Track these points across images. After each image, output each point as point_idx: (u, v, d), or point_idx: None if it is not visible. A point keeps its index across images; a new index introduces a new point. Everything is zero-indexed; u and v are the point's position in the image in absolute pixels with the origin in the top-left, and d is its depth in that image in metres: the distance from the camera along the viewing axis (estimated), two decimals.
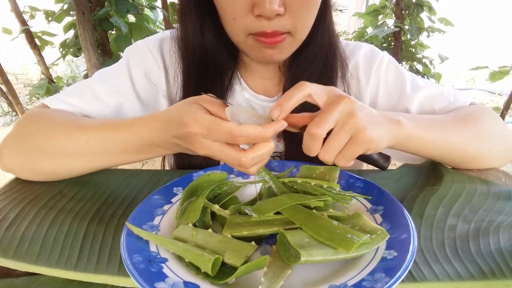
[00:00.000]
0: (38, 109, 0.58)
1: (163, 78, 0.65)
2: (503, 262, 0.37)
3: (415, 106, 0.63)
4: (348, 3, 4.87)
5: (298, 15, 0.51)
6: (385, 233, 0.37)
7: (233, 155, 0.40)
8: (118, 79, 0.63)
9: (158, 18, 2.30)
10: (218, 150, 0.40)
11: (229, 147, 0.40)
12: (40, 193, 0.52)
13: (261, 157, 0.40)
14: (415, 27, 2.17)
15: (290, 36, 0.53)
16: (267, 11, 0.47)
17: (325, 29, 0.60)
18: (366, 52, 0.68)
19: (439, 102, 0.63)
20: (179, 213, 0.44)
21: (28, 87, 3.98)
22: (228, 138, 0.39)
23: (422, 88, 0.64)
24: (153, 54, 0.65)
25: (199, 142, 0.41)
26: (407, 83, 0.65)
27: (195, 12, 0.57)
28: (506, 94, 2.11)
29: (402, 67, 0.68)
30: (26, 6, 2.21)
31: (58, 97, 0.60)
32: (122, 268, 0.37)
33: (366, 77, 0.67)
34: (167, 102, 0.66)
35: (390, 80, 0.66)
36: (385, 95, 0.67)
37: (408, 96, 0.64)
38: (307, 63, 0.61)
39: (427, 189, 0.51)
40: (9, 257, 0.39)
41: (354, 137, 0.41)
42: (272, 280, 0.33)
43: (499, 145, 0.58)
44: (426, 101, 0.63)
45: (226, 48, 0.60)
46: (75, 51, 2.16)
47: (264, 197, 0.48)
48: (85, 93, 0.61)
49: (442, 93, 0.64)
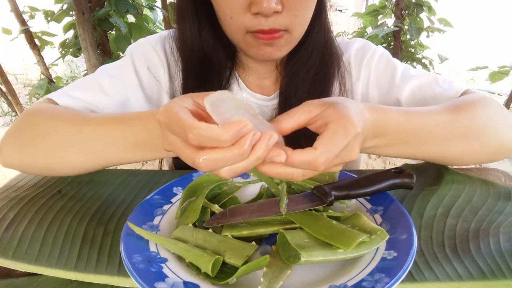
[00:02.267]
0: (40, 104, 0.56)
1: (166, 74, 0.66)
2: (503, 262, 0.37)
3: (405, 96, 0.61)
4: (348, 3, 4.87)
5: (295, 12, 0.51)
6: (384, 233, 0.37)
7: (186, 153, 0.34)
8: (125, 74, 0.63)
9: (157, 18, 2.30)
10: (177, 146, 0.35)
11: (186, 144, 0.34)
12: (40, 193, 0.52)
13: (217, 162, 0.32)
14: (414, 27, 2.17)
15: (288, 33, 0.53)
16: (264, 8, 0.47)
17: (321, 28, 0.60)
18: (358, 47, 0.67)
19: (431, 90, 0.60)
20: (179, 213, 0.44)
21: (28, 87, 3.97)
22: (180, 134, 0.34)
23: (413, 78, 0.62)
24: (156, 51, 0.65)
25: (165, 135, 0.37)
26: (397, 73, 0.63)
27: (192, 13, 0.57)
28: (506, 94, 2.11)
29: (395, 59, 0.67)
30: (26, 6, 2.20)
31: (64, 91, 0.58)
32: (121, 268, 0.37)
33: (357, 71, 0.66)
34: (169, 98, 0.66)
35: (380, 70, 0.65)
36: (374, 86, 0.66)
37: (397, 86, 0.62)
38: (304, 61, 0.61)
39: (427, 189, 0.51)
40: (9, 257, 0.39)
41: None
42: (271, 280, 0.33)
43: (493, 140, 0.51)
44: (417, 89, 0.61)
45: (223, 48, 0.60)
46: (75, 51, 2.16)
47: (264, 197, 0.48)
48: (92, 87, 0.60)
49: (435, 81, 0.61)
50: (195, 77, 0.61)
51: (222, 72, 0.62)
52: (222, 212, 0.42)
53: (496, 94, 3.91)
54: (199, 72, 0.61)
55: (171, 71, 0.65)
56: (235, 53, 0.64)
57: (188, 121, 0.32)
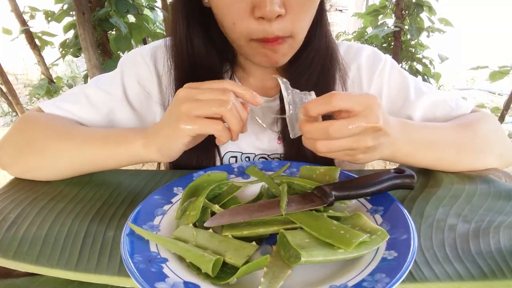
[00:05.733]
0: (34, 112, 0.62)
1: (155, 86, 0.66)
2: (504, 262, 0.37)
3: (418, 113, 0.64)
4: (348, 3, 4.87)
5: (298, 16, 0.50)
6: (385, 233, 0.37)
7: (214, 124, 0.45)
8: (111, 87, 0.65)
9: (157, 19, 2.29)
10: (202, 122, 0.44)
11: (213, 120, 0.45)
12: (41, 194, 0.52)
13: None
14: (415, 27, 2.17)
15: (291, 38, 0.53)
16: (268, 12, 0.47)
17: (322, 32, 0.60)
18: (369, 55, 0.68)
19: (441, 109, 0.64)
20: (179, 213, 0.44)
21: (28, 87, 3.97)
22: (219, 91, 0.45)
23: (425, 95, 0.64)
24: (146, 62, 0.66)
25: (186, 112, 0.44)
26: (411, 89, 0.65)
27: (186, 20, 0.57)
28: (506, 94, 2.10)
29: (404, 71, 0.68)
30: (26, 7, 2.20)
31: (53, 103, 0.63)
32: (122, 268, 0.37)
33: (368, 80, 0.67)
34: (161, 110, 0.67)
35: (393, 85, 0.66)
36: (388, 100, 0.67)
37: (411, 102, 0.64)
38: (305, 66, 0.61)
39: (427, 189, 0.51)
40: (10, 257, 0.39)
41: (357, 144, 0.43)
42: (272, 280, 0.33)
43: (494, 153, 0.58)
44: (428, 108, 0.64)
45: (219, 53, 0.61)
46: (75, 51, 2.15)
47: (264, 197, 0.48)
48: (79, 99, 0.63)
49: (444, 100, 0.64)
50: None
51: (219, 78, 0.62)
52: (223, 212, 0.42)
53: (497, 94, 3.91)
54: (193, 79, 0.61)
55: (162, 82, 0.66)
56: (234, 56, 0.64)
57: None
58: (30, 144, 0.55)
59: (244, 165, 0.56)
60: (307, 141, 0.45)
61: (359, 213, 0.41)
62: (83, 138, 0.55)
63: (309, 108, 0.43)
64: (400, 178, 0.44)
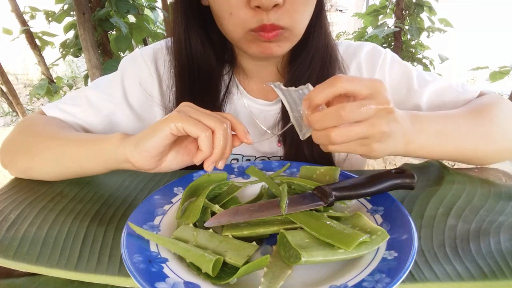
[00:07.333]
0: (36, 115, 0.63)
1: (156, 87, 0.66)
2: (504, 262, 0.37)
3: (425, 101, 0.63)
4: (348, 3, 4.87)
5: (296, 7, 0.50)
6: (385, 233, 0.37)
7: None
8: (111, 89, 0.65)
9: (158, 19, 2.29)
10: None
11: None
12: (41, 194, 0.53)
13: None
14: (415, 27, 2.17)
15: (288, 30, 0.52)
16: (265, 1, 0.47)
17: (321, 31, 0.60)
18: (368, 51, 0.67)
19: (448, 95, 0.63)
20: (179, 213, 0.44)
21: (29, 88, 3.97)
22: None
23: (430, 83, 0.64)
24: (146, 64, 0.66)
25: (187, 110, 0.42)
26: (414, 79, 0.64)
27: (185, 20, 0.57)
28: (506, 94, 2.10)
29: (406, 62, 0.68)
30: (27, 7, 2.21)
31: (55, 105, 0.63)
32: (122, 268, 0.37)
33: (370, 76, 0.66)
34: (162, 111, 0.67)
35: (395, 75, 0.66)
36: (391, 91, 0.64)
37: (416, 91, 0.63)
38: (305, 66, 0.61)
39: (428, 189, 0.51)
40: (10, 257, 0.39)
41: (370, 136, 0.40)
42: (272, 280, 0.33)
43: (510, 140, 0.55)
44: (434, 95, 0.63)
45: (216, 54, 0.60)
46: (76, 52, 2.15)
47: (265, 197, 0.48)
48: (81, 101, 0.64)
49: (450, 85, 0.63)
50: (189, 86, 0.62)
51: (219, 80, 0.63)
52: (223, 212, 0.42)
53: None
54: (193, 81, 0.61)
55: (163, 84, 0.66)
56: (234, 58, 0.64)
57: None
58: (23, 145, 0.56)
59: (244, 165, 0.56)
60: (319, 135, 0.41)
61: (359, 213, 0.41)
62: (68, 138, 0.54)
63: (312, 96, 0.40)
64: (400, 178, 0.44)
